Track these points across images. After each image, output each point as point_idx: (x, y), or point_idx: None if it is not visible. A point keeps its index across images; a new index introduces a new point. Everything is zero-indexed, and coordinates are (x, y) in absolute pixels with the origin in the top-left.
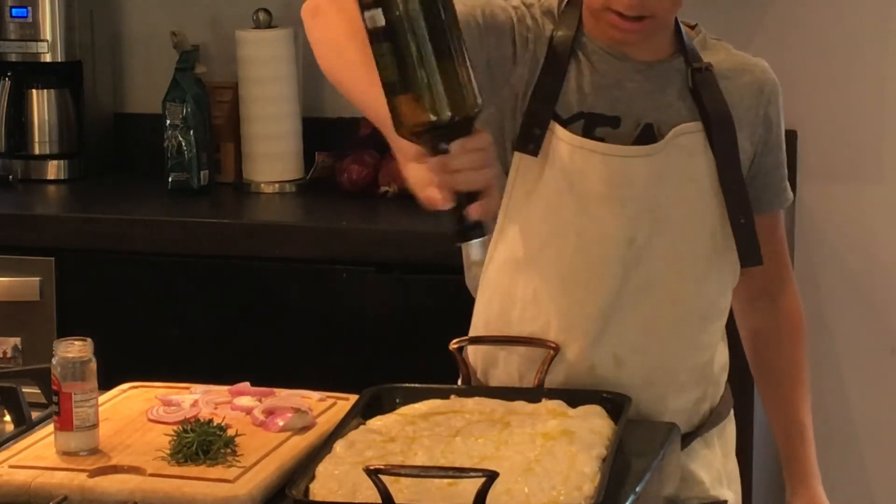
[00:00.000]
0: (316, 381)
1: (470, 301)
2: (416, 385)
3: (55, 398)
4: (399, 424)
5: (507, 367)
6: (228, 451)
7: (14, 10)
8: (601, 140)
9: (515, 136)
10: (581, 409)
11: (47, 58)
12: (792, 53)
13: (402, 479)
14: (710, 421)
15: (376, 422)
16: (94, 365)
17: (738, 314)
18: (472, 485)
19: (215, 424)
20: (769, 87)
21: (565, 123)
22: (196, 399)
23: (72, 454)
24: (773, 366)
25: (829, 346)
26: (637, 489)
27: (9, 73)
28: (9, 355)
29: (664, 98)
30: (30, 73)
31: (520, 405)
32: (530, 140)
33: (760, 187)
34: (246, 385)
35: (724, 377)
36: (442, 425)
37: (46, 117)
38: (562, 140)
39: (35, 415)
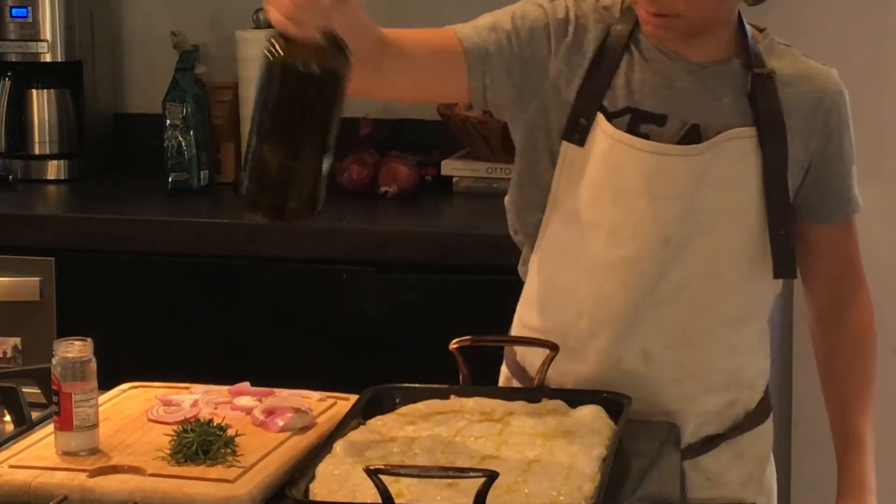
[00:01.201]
0: (316, 381)
1: (470, 301)
2: (416, 385)
3: (55, 398)
4: (399, 424)
5: (540, 355)
6: (228, 451)
7: (14, 10)
8: (645, 136)
9: (562, 127)
10: (581, 409)
11: (47, 58)
12: None
13: (402, 479)
14: (742, 425)
15: (376, 422)
16: (94, 365)
17: (809, 321)
18: (472, 485)
19: (215, 424)
20: (830, 97)
21: (611, 117)
22: (196, 399)
23: (72, 454)
24: (837, 375)
25: None
26: (637, 489)
27: (9, 73)
28: (9, 355)
29: (715, 100)
30: (30, 73)
31: (520, 405)
32: (576, 130)
33: (820, 197)
34: (246, 385)
35: (762, 383)
36: (442, 425)
37: (46, 117)
38: (605, 133)
39: (35, 415)
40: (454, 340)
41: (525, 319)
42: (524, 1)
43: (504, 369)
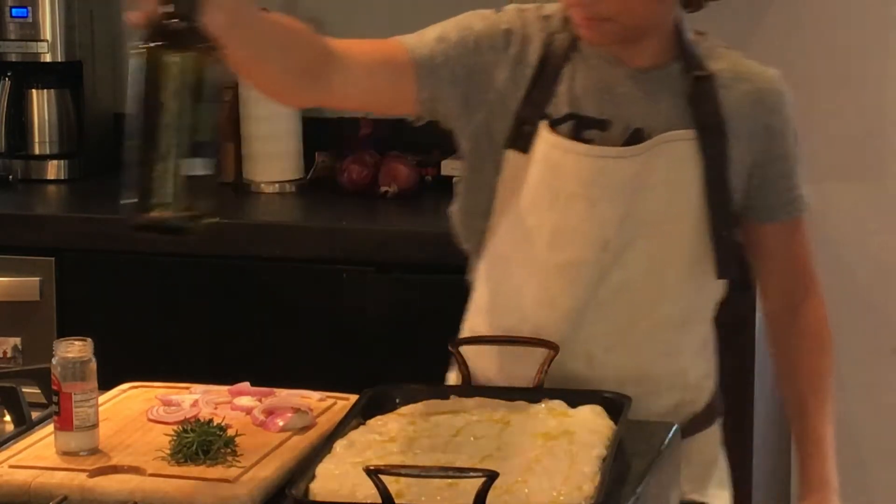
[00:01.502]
0: (316, 381)
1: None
2: (416, 385)
3: (55, 398)
4: (399, 424)
5: (486, 359)
6: (228, 451)
7: (14, 10)
8: (589, 142)
9: (506, 135)
10: (581, 409)
11: (47, 58)
12: (792, 53)
13: (402, 479)
14: (688, 429)
15: (376, 422)
16: (94, 365)
17: (764, 320)
18: (472, 485)
19: (215, 424)
20: (772, 98)
21: (555, 124)
22: (196, 399)
23: (72, 454)
24: (793, 374)
25: None
26: (637, 489)
27: (9, 73)
28: (9, 355)
29: (656, 104)
30: (30, 73)
31: (520, 405)
32: (521, 138)
33: (766, 196)
34: (246, 385)
35: (709, 386)
36: (442, 425)
37: (46, 117)
38: (544, 138)
39: (35, 415)
40: (454, 340)
41: (474, 327)
42: (469, 13)
43: (452, 375)
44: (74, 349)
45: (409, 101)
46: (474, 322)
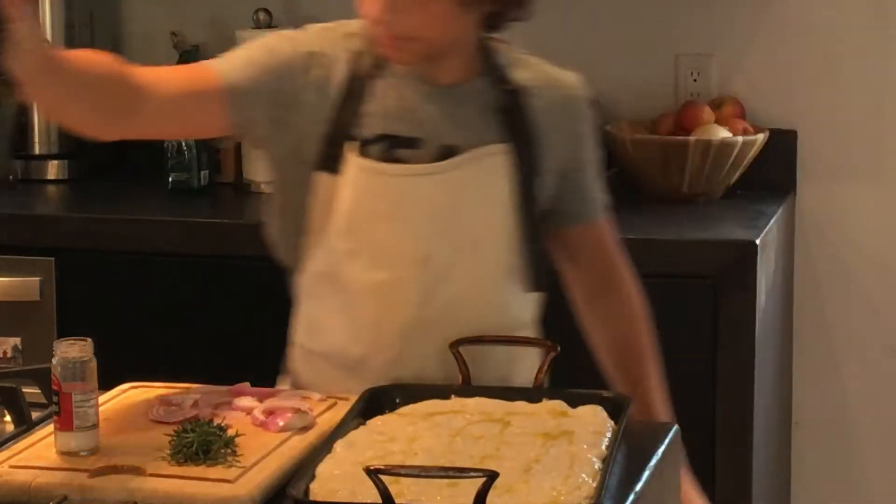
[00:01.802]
0: None
1: None
2: (416, 385)
3: (55, 398)
4: (399, 424)
5: (324, 375)
6: (228, 451)
7: None
8: (400, 161)
9: (316, 157)
10: (581, 409)
11: None
12: (792, 53)
13: (402, 479)
14: None
15: (376, 422)
16: (94, 365)
17: (580, 313)
18: (472, 485)
19: (215, 424)
20: (575, 104)
21: (366, 143)
22: (196, 399)
23: (72, 454)
24: (616, 349)
25: (829, 346)
26: (637, 489)
27: None
28: (9, 355)
29: (466, 120)
30: None
31: (520, 405)
32: (330, 159)
33: (578, 201)
34: (246, 385)
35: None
36: (442, 425)
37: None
38: (356, 161)
39: (35, 415)
40: (454, 340)
41: (302, 341)
42: (274, 35)
43: (287, 381)
44: (74, 349)
45: (221, 126)
46: (303, 339)
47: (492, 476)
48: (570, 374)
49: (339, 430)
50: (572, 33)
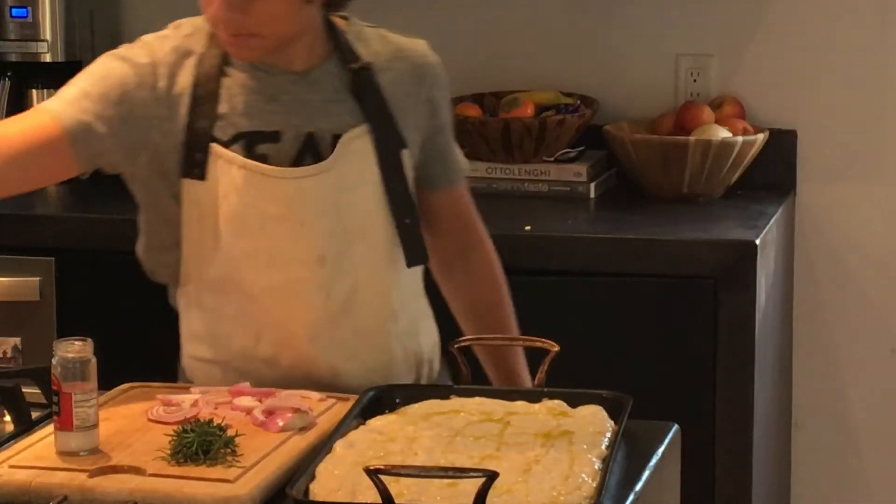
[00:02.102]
0: None
1: None
2: (416, 385)
3: (55, 398)
4: (399, 424)
5: (224, 382)
6: (228, 451)
7: (14, 10)
8: (263, 156)
9: (179, 167)
10: (581, 409)
11: (47, 58)
12: (792, 53)
13: (402, 479)
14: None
15: (376, 422)
16: (94, 365)
17: (438, 275)
18: (472, 485)
19: (215, 424)
20: (429, 71)
21: (227, 145)
22: (196, 399)
23: (72, 454)
24: (478, 312)
25: (829, 346)
26: (637, 489)
27: (9, 73)
28: (9, 355)
29: (323, 105)
30: (30, 73)
31: (520, 405)
32: (194, 166)
33: (436, 166)
34: (246, 385)
35: (437, 354)
36: (442, 425)
37: None
38: (230, 163)
39: (35, 415)
40: (454, 340)
41: (196, 353)
42: (105, 57)
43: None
44: (74, 349)
45: (70, 167)
46: (196, 349)
47: (492, 476)
48: (570, 374)
49: (339, 430)
50: (572, 33)
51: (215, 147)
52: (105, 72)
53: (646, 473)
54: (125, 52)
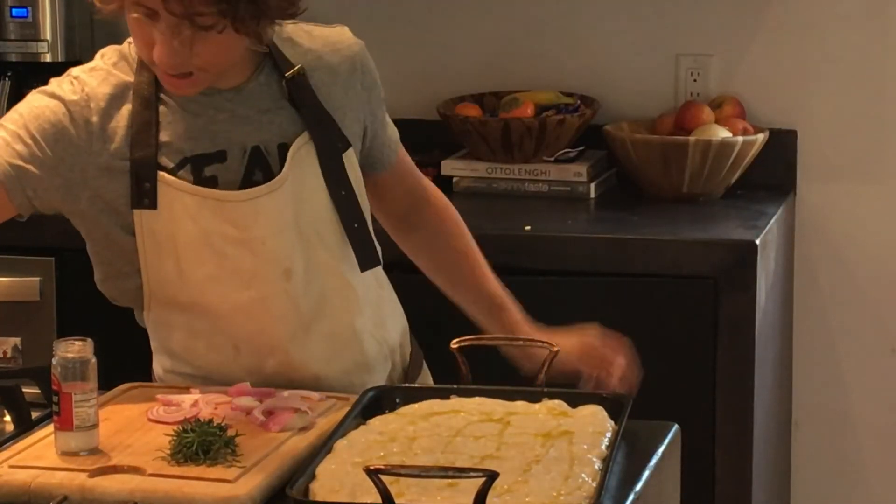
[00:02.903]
0: None
1: None
2: (416, 385)
3: (55, 398)
4: (399, 424)
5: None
6: (228, 451)
7: (14, 10)
8: (213, 178)
9: (128, 199)
10: (581, 409)
11: (47, 58)
12: (792, 53)
13: (402, 479)
14: (407, 382)
15: (376, 422)
16: (94, 365)
17: (396, 238)
18: (472, 485)
19: (215, 424)
20: (358, 58)
21: (174, 172)
22: (196, 399)
23: (72, 454)
24: (451, 260)
25: (829, 346)
26: (637, 489)
27: (9, 73)
28: (9, 355)
29: (263, 116)
30: (30, 73)
31: (520, 405)
32: (144, 195)
33: (380, 148)
34: (246, 385)
35: (407, 338)
36: (442, 425)
37: None
38: (180, 191)
39: (35, 415)
40: (454, 340)
41: (175, 369)
42: (34, 95)
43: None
44: (74, 349)
45: (7, 212)
46: (173, 365)
47: (492, 476)
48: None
49: (339, 430)
50: (573, 33)
51: (162, 175)
52: (38, 111)
53: (646, 473)
54: (55, 88)
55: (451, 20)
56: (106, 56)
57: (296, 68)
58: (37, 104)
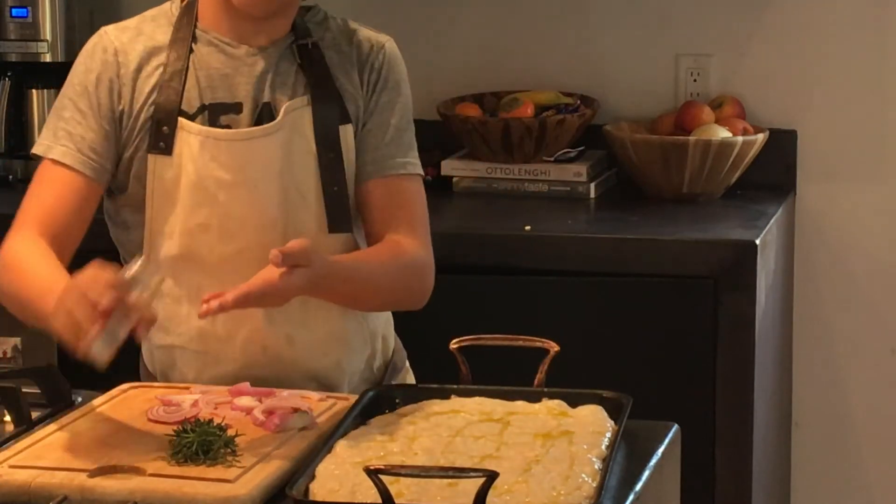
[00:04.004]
0: None
1: (470, 301)
2: (416, 385)
3: None
4: (399, 424)
5: (182, 369)
6: (228, 451)
7: (14, 10)
8: (227, 127)
9: (145, 143)
10: (581, 409)
11: (47, 58)
12: (792, 53)
13: (402, 479)
14: (387, 375)
15: (376, 422)
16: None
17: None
18: (472, 485)
19: (215, 424)
20: (374, 53)
21: (192, 118)
22: (196, 399)
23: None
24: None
25: (829, 346)
26: (637, 489)
27: (9, 73)
28: (9, 355)
29: (278, 77)
30: (30, 73)
31: (520, 405)
32: (161, 139)
33: (373, 151)
34: (246, 385)
35: (391, 331)
36: (442, 425)
37: (46, 117)
38: (190, 133)
39: (35, 415)
40: (454, 340)
41: (158, 341)
42: (80, 65)
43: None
44: (132, 268)
45: (92, 192)
46: (155, 337)
47: (492, 476)
48: (570, 374)
49: (339, 430)
50: (573, 33)
51: (181, 120)
52: (84, 85)
53: (646, 473)
54: (93, 47)
55: (451, 20)
56: (147, 14)
57: (311, 40)
58: (81, 75)
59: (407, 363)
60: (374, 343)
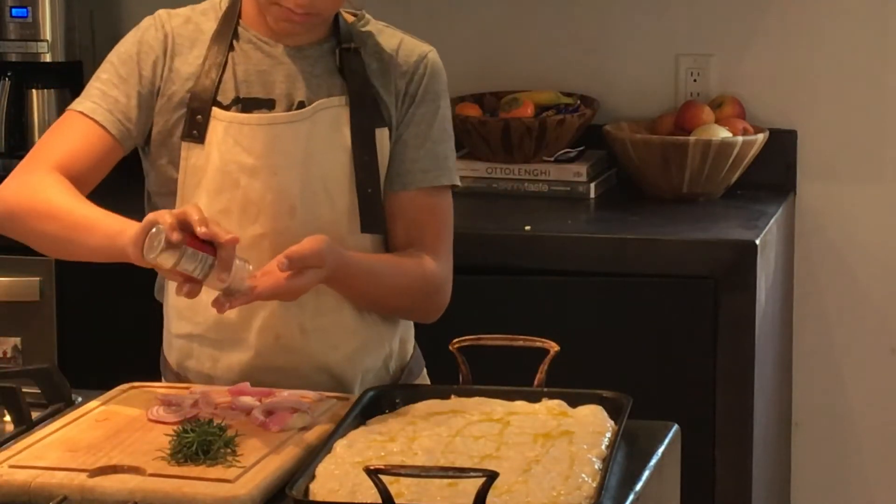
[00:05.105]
0: None
1: (470, 301)
2: (416, 385)
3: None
4: (399, 424)
5: (199, 358)
6: (228, 451)
7: (14, 10)
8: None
9: (180, 130)
10: (581, 409)
11: (47, 58)
12: (792, 53)
13: (402, 479)
14: (402, 378)
15: (376, 422)
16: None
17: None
18: (472, 485)
19: (215, 424)
20: (411, 62)
21: (226, 109)
22: (196, 399)
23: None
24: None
25: (829, 346)
26: (637, 489)
27: (9, 73)
28: (9, 355)
29: (314, 77)
30: (30, 73)
31: (520, 405)
32: (194, 127)
33: (403, 162)
34: (246, 385)
35: (410, 335)
36: (442, 425)
37: (46, 117)
38: (219, 121)
39: (35, 415)
40: (454, 340)
41: (176, 330)
42: (131, 35)
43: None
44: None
45: (114, 152)
46: (176, 326)
47: (492, 476)
48: (570, 374)
49: (339, 430)
50: (573, 33)
51: (215, 110)
52: (125, 51)
53: (646, 473)
54: (145, 27)
55: (452, 20)
56: (199, 6)
57: (353, 45)
58: (131, 47)
59: (424, 371)
60: (391, 343)
